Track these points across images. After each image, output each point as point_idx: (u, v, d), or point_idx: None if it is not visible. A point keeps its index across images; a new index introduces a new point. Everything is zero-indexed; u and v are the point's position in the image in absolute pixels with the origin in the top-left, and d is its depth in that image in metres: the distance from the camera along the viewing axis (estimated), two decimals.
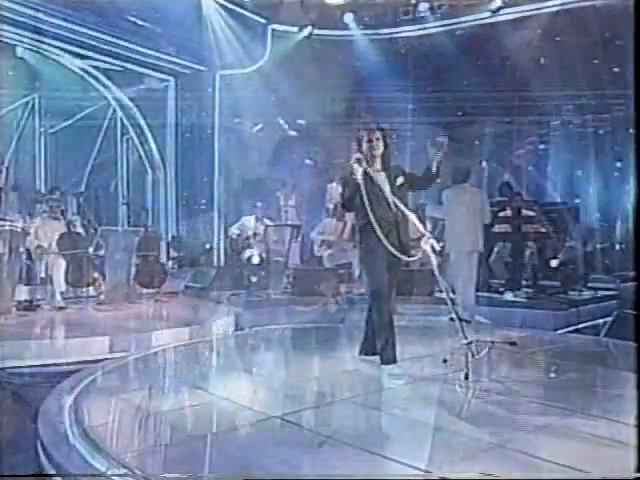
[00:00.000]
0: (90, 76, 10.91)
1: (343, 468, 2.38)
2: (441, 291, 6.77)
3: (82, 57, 10.30)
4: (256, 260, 7.58)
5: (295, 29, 11.20)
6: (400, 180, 3.91)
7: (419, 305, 6.48)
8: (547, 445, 2.59)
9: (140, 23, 9.74)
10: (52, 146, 10.93)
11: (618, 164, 10.03)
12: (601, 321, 5.80)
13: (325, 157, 11.57)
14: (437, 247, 3.87)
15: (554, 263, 7.03)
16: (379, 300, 3.83)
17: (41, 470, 2.58)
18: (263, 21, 11.04)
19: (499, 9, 10.20)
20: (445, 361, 3.83)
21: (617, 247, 9.52)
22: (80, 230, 7.29)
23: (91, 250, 6.81)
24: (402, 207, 3.83)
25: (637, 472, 2.25)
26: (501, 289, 7.20)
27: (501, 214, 7.18)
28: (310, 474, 2.30)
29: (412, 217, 3.85)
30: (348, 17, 11.11)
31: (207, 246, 11.04)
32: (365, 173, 3.84)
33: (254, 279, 7.56)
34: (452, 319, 6.11)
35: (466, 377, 3.55)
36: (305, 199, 10.87)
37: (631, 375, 3.79)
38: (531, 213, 7.56)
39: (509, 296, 6.92)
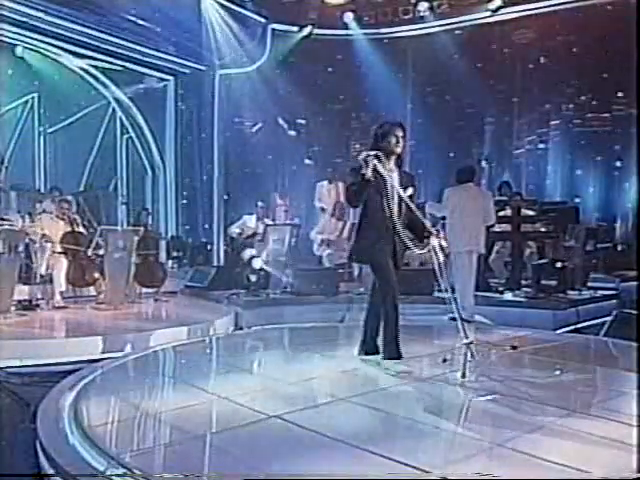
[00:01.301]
0: (90, 75, 10.91)
1: (341, 467, 2.38)
2: (440, 290, 6.82)
3: (82, 56, 10.31)
4: (258, 265, 7.56)
5: (295, 28, 11.21)
6: (410, 191, 3.85)
7: (419, 305, 6.47)
8: (545, 445, 2.59)
9: (140, 22, 9.74)
10: (51, 145, 10.93)
11: (618, 163, 10.02)
12: (600, 321, 5.80)
13: (325, 156, 11.57)
14: (445, 245, 3.85)
15: (559, 264, 7.02)
16: (388, 295, 3.79)
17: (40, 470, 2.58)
18: (263, 20, 11.05)
19: (499, 8, 10.21)
20: (445, 360, 3.83)
21: (617, 247, 9.51)
22: (82, 230, 7.30)
23: (90, 251, 6.80)
24: (405, 211, 3.80)
25: (638, 472, 2.24)
26: (501, 289, 7.20)
27: (501, 213, 7.17)
28: (310, 474, 2.29)
29: (418, 217, 3.83)
30: (348, 17, 11.13)
31: (208, 247, 11.04)
32: (376, 170, 3.73)
33: (253, 278, 7.55)
34: (453, 319, 6.13)
35: (463, 376, 3.55)
36: (303, 199, 10.86)
37: (630, 374, 3.81)
38: (531, 212, 7.56)
39: (509, 296, 6.91)
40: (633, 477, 2.22)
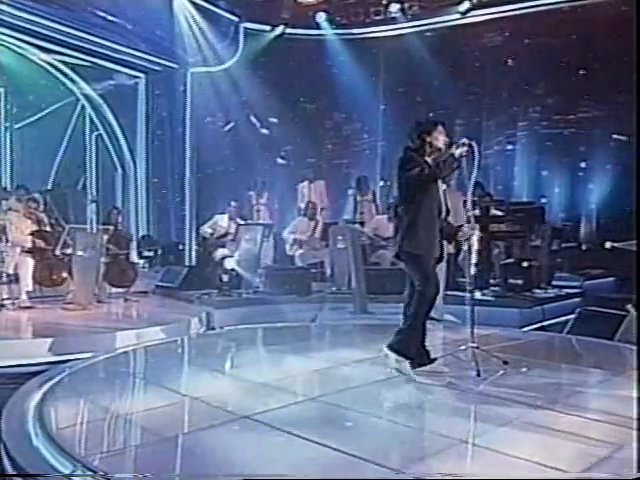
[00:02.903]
0: (58, 71, 10.70)
1: (313, 467, 2.40)
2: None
3: (49, 51, 10.10)
4: (230, 265, 7.54)
5: (267, 28, 11.19)
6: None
7: (390, 304, 6.52)
8: (511, 440, 2.65)
9: (110, 18, 9.59)
10: (18, 142, 10.69)
11: (582, 164, 10.27)
12: (565, 318, 5.95)
13: (298, 156, 11.57)
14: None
15: (525, 264, 7.16)
16: (428, 294, 3.79)
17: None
18: (235, 19, 11.00)
19: (468, 11, 10.38)
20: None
21: (581, 246, 9.75)
22: (49, 228, 7.17)
23: (58, 250, 6.69)
24: (447, 204, 3.96)
25: (638, 472, 2.29)
26: (469, 288, 7.30)
27: (470, 213, 7.28)
28: (282, 475, 2.31)
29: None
30: (320, 17, 11.15)
31: (180, 247, 10.94)
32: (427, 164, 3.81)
33: (225, 278, 7.52)
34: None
35: (478, 374, 3.66)
36: (277, 198, 10.85)
37: (593, 371, 3.94)
38: (499, 213, 7.69)
39: (477, 294, 7.02)
40: (633, 477, 2.26)
